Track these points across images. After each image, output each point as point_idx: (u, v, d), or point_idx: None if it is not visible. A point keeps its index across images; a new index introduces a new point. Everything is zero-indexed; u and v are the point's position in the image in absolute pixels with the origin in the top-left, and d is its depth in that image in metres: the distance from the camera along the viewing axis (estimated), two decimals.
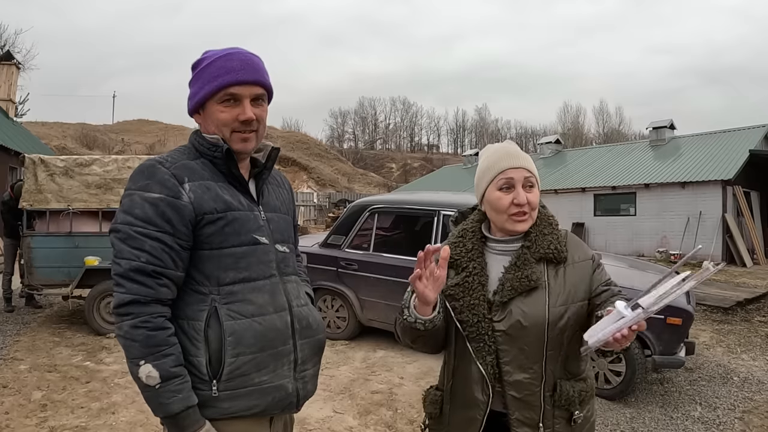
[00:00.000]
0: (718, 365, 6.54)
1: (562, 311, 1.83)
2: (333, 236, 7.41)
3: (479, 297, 1.89)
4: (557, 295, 1.85)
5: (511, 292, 1.85)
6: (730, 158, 19.90)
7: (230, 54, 1.81)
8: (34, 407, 4.84)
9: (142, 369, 1.58)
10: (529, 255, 1.90)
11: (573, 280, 1.89)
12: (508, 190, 1.92)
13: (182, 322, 1.71)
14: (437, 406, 2.02)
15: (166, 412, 1.60)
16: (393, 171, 72.92)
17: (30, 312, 8.80)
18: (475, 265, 1.96)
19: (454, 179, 32.72)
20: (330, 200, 37.52)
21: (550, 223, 2.00)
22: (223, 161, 1.79)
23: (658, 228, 20.43)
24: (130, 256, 1.63)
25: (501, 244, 1.99)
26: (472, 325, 1.88)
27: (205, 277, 1.74)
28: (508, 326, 1.84)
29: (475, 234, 2.04)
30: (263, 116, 1.85)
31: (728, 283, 13.11)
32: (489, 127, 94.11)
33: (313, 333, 1.93)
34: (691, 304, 5.30)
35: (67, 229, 7.73)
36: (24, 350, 6.63)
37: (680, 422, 4.89)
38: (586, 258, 1.95)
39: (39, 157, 7.96)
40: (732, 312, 9.33)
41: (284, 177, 2.22)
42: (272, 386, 1.76)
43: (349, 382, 5.68)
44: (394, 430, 4.58)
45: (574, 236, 2.04)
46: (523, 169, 1.93)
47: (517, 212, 1.90)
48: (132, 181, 1.72)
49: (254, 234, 1.81)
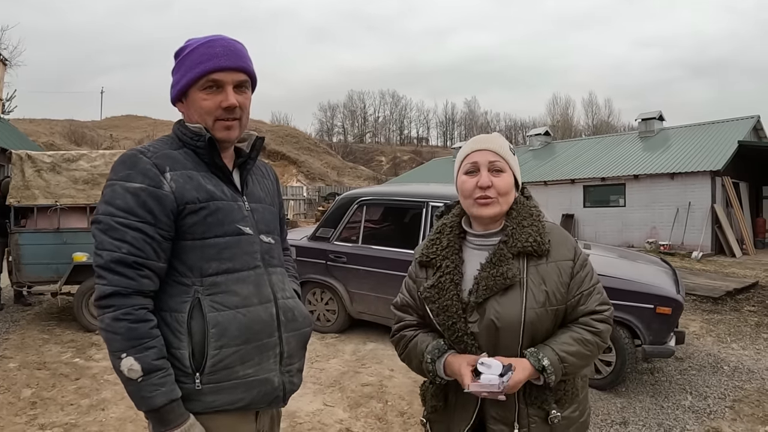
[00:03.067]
0: (708, 354, 6.57)
1: (541, 313, 1.79)
2: (322, 229, 7.40)
3: (452, 297, 1.85)
4: (535, 294, 1.79)
5: (486, 292, 1.80)
6: (719, 149, 19.98)
7: (212, 41, 1.78)
8: (23, 405, 4.81)
9: (123, 362, 1.56)
10: (506, 250, 1.84)
11: (553, 279, 1.82)
12: (473, 174, 1.89)
13: (165, 314, 1.68)
14: (441, 399, 1.97)
15: (149, 406, 1.58)
16: (383, 164, 72.84)
17: (19, 310, 8.74)
18: (449, 263, 1.91)
19: (443, 172, 32.66)
20: (320, 194, 37.49)
21: (531, 214, 1.91)
22: (205, 151, 1.76)
23: (648, 219, 20.50)
24: (111, 247, 1.61)
25: (479, 239, 1.94)
26: (448, 327, 1.85)
27: (187, 268, 1.71)
28: (481, 328, 1.81)
29: (453, 229, 1.99)
30: (246, 104, 1.82)
31: (718, 273, 13.20)
32: (478, 120, 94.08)
33: (299, 326, 1.90)
34: (680, 293, 5.31)
35: (55, 225, 7.68)
36: (13, 348, 6.59)
37: (671, 411, 4.91)
38: (567, 258, 1.87)
39: (26, 153, 7.89)
40: (722, 302, 9.40)
41: (270, 168, 2.19)
42: (257, 380, 1.74)
43: (339, 375, 5.67)
44: (384, 422, 4.57)
45: (561, 231, 1.95)
46: (488, 151, 1.88)
47: (480, 195, 1.85)
48: (113, 172, 1.70)
49: (238, 224, 1.78)
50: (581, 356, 1.80)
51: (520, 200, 1.96)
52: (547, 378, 1.75)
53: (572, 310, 1.84)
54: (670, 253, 17.38)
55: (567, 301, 1.83)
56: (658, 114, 25.84)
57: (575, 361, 1.79)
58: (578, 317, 1.84)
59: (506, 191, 1.87)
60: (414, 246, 6.44)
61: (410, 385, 5.28)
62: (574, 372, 1.83)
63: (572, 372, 1.81)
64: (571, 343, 1.79)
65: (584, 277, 1.86)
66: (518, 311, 1.77)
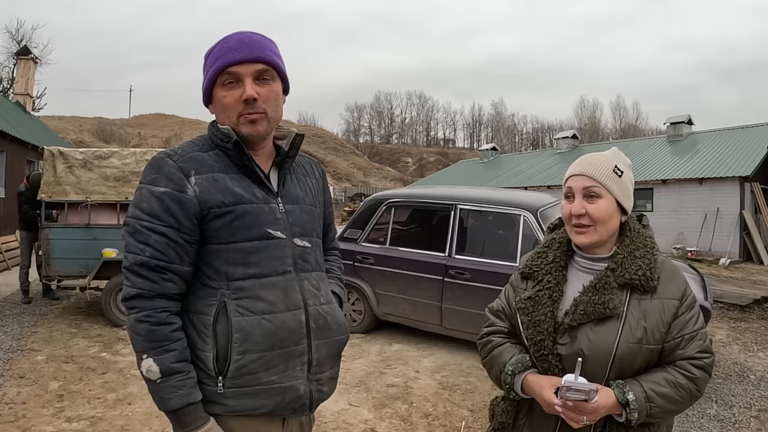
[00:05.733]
0: (735, 363, 6.49)
1: (634, 349, 1.67)
2: (350, 230, 7.44)
3: (546, 313, 1.77)
4: (633, 329, 1.68)
5: (582, 317, 1.71)
6: (748, 154, 19.73)
7: (228, 36, 1.75)
8: (50, 397, 4.89)
9: (144, 363, 1.58)
10: (612, 278, 1.73)
11: (654, 317, 1.70)
12: (570, 200, 1.80)
13: (192, 315, 1.69)
14: (511, 416, 1.90)
15: (166, 407, 1.59)
16: (409, 165, 72.90)
17: (47, 303, 8.88)
18: (551, 278, 1.83)
19: (470, 174, 32.65)
20: (346, 194, 37.67)
21: (645, 245, 1.79)
22: (235, 152, 1.73)
23: (675, 224, 20.25)
24: (135, 250, 1.62)
25: (586, 261, 1.84)
26: (535, 343, 1.77)
27: (214, 271, 1.69)
28: (569, 352, 1.71)
29: (561, 245, 1.90)
30: (269, 95, 1.73)
31: (745, 280, 13.02)
32: (505, 122, 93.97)
33: (332, 333, 1.84)
34: (708, 300, 5.25)
35: (86, 221, 7.78)
36: (41, 341, 6.70)
37: (696, 420, 4.86)
38: (674, 297, 1.73)
39: (58, 150, 8.01)
40: (749, 310, 9.24)
41: (317, 165, 2.11)
42: (282, 387, 1.70)
43: (365, 375, 5.69)
44: (409, 423, 4.57)
45: (673, 267, 1.82)
46: (584, 176, 1.78)
47: (576, 224, 1.77)
48: (143, 175, 1.70)
49: (268, 228, 1.73)
50: (671, 400, 1.67)
51: (635, 228, 1.86)
52: (629, 415, 1.65)
53: (670, 353, 1.72)
54: (697, 260, 17.16)
55: (665, 341, 1.71)
56: (687, 118, 25.53)
57: (663, 404, 1.66)
58: (675, 361, 1.71)
59: (602, 219, 1.75)
60: (441, 248, 6.54)
61: (435, 387, 5.28)
62: (660, 416, 1.70)
63: (657, 415, 1.69)
64: (662, 384, 1.67)
65: (688, 320, 1.73)
66: (611, 343, 1.68)
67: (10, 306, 8.64)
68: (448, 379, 5.49)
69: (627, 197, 1.82)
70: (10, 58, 32.41)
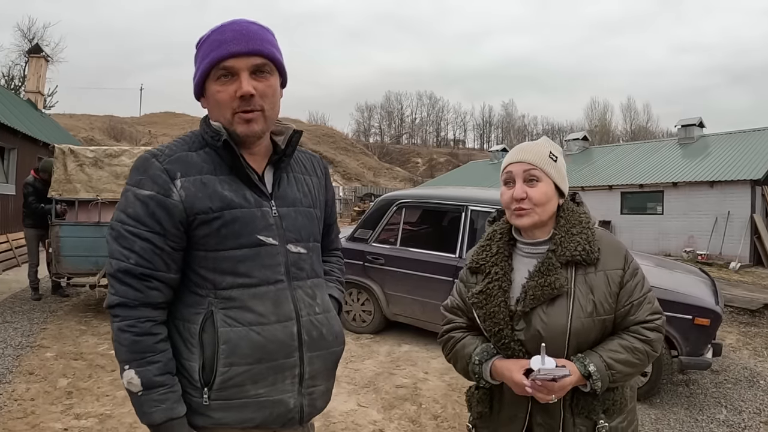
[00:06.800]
0: (745, 368, 6.45)
1: (587, 323, 1.77)
2: (360, 230, 7.44)
3: (500, 304, 1.83)
4: (583, 304, 1.77)
5: (533, 301, 1.78)
6: (759, 158, 19.61)
7: (224, 26, 1.62)
8: (59, 394, 4.90)
9: (125, 374, 1.51)
10: (554, 259, 1.81)
11: (601, 289, 1.79)
12: (510, 186, 1.87)
13: (178, 322, 1.62)
14: (487, 404, 1.98)
15: (148, 421, 1.52)
16: (419, 166, 72.86)
17: (57, 301, 8.92)
18: (498, 269, 1.89)
19: (480, 175, 32.59)
20: (356, 194, 37.69)
21: (581, 221, 1.87)
22: (225, 152, 1.62)
23: (686, 227, 20.19)
24: (120, 256, 1.54)
25: (528, 247, 1.91)
26: (494, 333, 1.84)
27: (201, 278, 1.61)
28: (528, 336, 1.79)
29: (503, 236, 1.96)
30: (268, 91, 1.61)
31: (756, 284, 12.95)
32: (515, 123, 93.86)
33: (327, 345, 1.75)
34: (719, 305, 5.22)
35: (96, 219, 7.82)
36: (50, 338, 6.72)
37: (705, 425, 4.83)
38: (617, 267, 1.82)
39: (69, 147, 8.05)
40: (759, 314, 9.18)
41: (319, 161, 2.01)
42: (270, 400, 1.62)
43: (374, 376, 5.68)
44: (418, 424, 4.57)
45: (611, 238, 1.91)
46: (524, 162, 1.85)
47: (516, 207, 1.83)
48: (129, 176, 1.61)
49: (259, 234, 1.62)
50: (630, 364, 1.77)
51: (568, 207, 1.93)
52: (593, 384, 1.73)
53: (622, 319, 1.81)
54: (707, 263, 17.06)
55: (616, 311, 1.80)
56: (698, 120, 25.36)
57: (623, 369, 1.76)
58: (628, 326, 1.81)
59: (542, 201, 1.83)
60: (452, 249, 6.52)
61: (444, 389, 5.27)
62: (622, 380, 1.80)
63: (620, 380, 1.78)
64: (619, 351, 1.77)
65: (635, 287, 1.82)
66: (564, 321, 1.76)
67: (20, 303, 8.67)
68: (458, 381, 5.43)
69: (563, 180, 1.93)
70: (21, 56, 32.67)
